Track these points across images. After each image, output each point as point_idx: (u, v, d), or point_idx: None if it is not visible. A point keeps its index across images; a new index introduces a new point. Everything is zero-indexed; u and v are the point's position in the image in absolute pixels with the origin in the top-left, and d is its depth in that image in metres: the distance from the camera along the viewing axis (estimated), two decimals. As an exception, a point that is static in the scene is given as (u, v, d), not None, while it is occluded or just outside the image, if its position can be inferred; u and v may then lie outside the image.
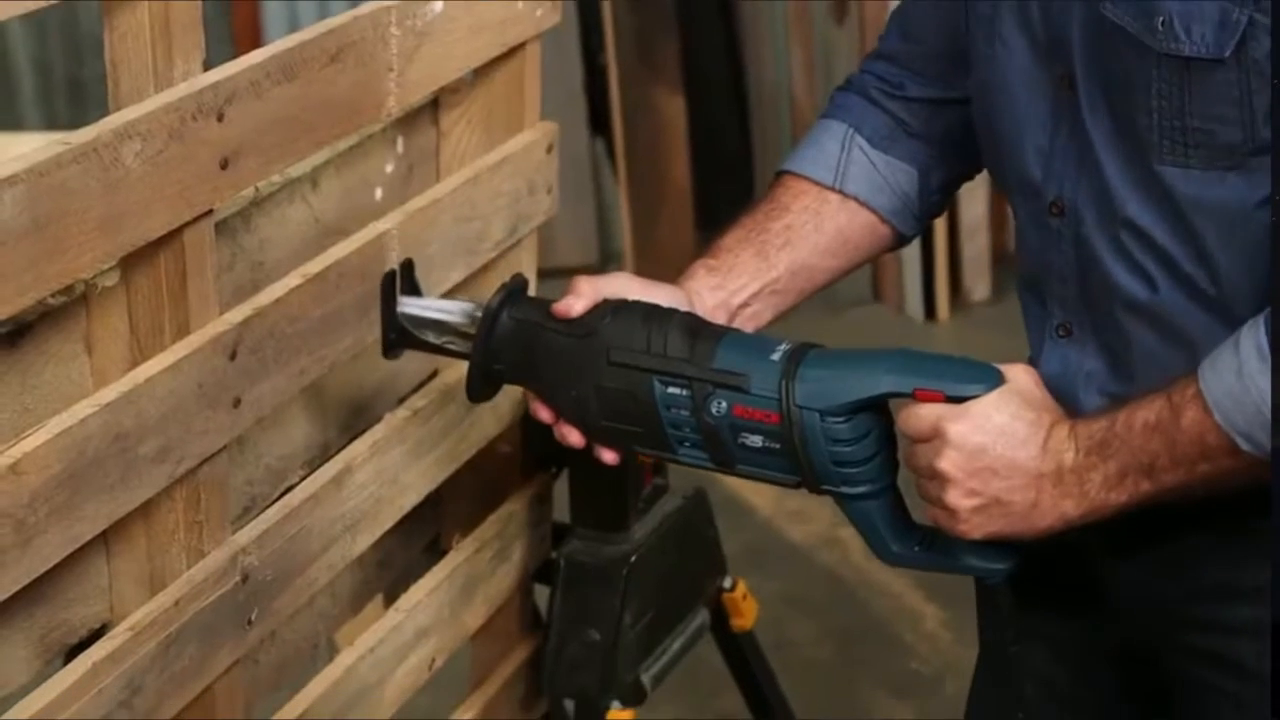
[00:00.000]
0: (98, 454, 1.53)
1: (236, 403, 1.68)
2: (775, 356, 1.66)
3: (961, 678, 3.24)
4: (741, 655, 2.47)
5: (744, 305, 1.83)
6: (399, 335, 1.83)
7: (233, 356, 1.66)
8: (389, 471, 1.93)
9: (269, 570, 1.76)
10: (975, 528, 1.59)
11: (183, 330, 1.62)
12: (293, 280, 1.75)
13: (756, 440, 1.66)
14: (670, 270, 1.92)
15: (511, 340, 1.75)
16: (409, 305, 1.83)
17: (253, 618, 1.75)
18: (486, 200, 2.04)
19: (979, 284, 4.77)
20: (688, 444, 1.69)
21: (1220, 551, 1.62)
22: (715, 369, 1.66)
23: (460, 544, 2.12)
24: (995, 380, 1.60)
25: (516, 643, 2.26)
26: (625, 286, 1.76)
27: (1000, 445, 1.57)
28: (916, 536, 1.67)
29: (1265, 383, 1.47)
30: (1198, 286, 1.58)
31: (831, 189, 1.85)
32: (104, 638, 1.62)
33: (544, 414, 1.76)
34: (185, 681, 1.68)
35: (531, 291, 2.16)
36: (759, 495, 3.83)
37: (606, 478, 2.02)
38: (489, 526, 2.14)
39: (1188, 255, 1.58)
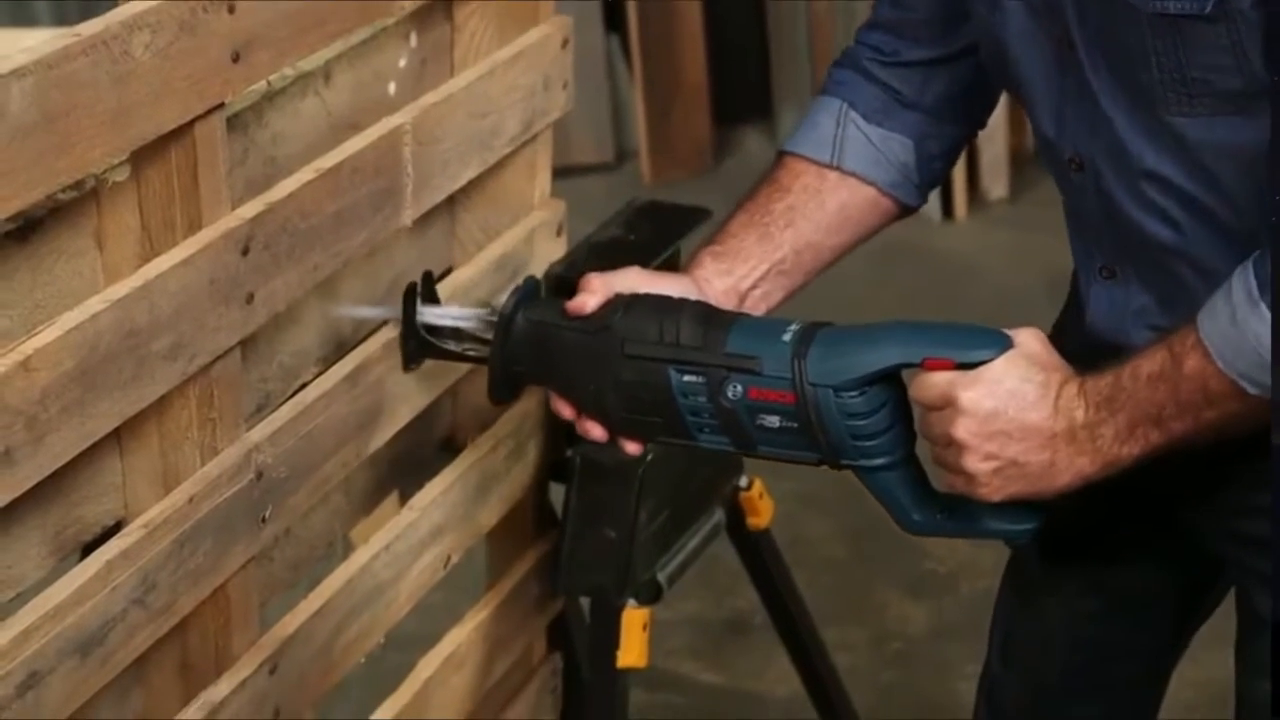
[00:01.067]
0: (109, 350, 1.52)
1: (249, 299, 1.66)
2: (786, 337, 1.68)
3: (976, 578, 3.28)
4: (757, 554, 2.47)
5: (753, 288, 1.86)
6: (419, 345, 1.88)
7: (245, 252, 1.65)
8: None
9: (283, 468, 1.76)
10: (995, 491, 1.61)
11: (194, 225, 1.60)
12: (306, 175, 1.74)
13: (774, 420, 1.68)
14: (684, 166, 1.91)
15: (528, 341, 1.78)
16: (427, 315, 1.88)
17: (267, 515, 1.75)
18: (501, 95, 2.02)
19: (996, 184, 4.75)
20: (707, 430, 1.71)
21: (1249, 445, 1.62)
22: (728, 353, 1.69)
23: (475, 442, 2.12)
24: (1003, 344, 1.61)
25: (531, 541, 2.26)
26: (635, 281, 1.79)
27: (1012, 408, 1.59)
28: (939, 504, 1.69)
29: (1259, 326, 1.49)
30: (1223, 224, 1.60)
31: (829, 166, 1.87)
32: (118, 535, 1.61)
33: (565, 410, 1.78)
34: (199, 579, 1.68)
35: (549, 189, 2.16)
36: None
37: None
38: (504, 424, 2.14)
39: (1209, 196, 1.60)
